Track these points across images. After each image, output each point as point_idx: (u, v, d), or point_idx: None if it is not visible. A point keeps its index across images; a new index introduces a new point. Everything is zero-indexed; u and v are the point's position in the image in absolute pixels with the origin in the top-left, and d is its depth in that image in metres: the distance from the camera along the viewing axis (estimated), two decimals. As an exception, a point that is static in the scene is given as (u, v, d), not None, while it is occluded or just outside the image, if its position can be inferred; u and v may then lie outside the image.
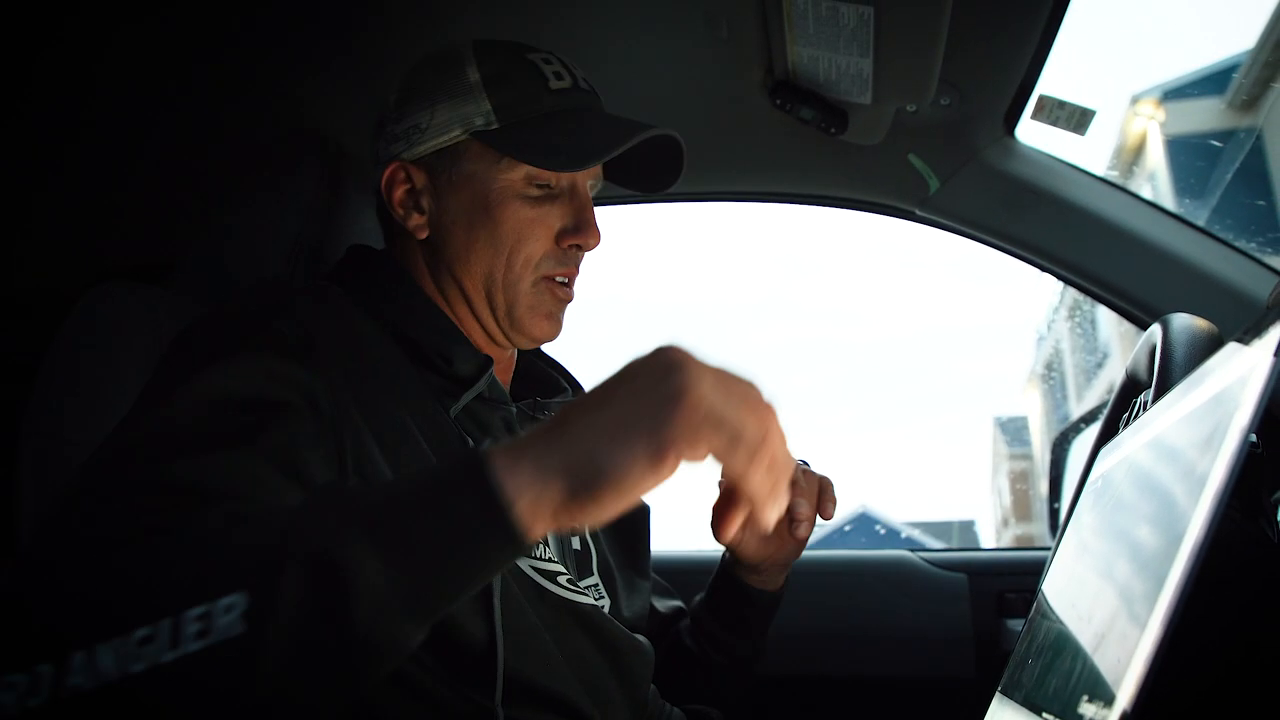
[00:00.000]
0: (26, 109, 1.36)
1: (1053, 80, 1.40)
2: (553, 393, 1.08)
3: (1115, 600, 0.56)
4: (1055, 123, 1.42)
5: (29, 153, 1.42)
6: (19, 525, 0.96)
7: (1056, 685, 0.61)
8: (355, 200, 1.15)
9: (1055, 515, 1.70)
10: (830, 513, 1.01)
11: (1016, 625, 1.52)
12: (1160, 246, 1.46)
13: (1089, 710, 0.51)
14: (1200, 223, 1.51)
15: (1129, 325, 1.51)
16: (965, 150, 1.49)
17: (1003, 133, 1.49)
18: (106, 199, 1.50)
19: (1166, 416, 0.67)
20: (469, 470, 0.56)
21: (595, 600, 0.97)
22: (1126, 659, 0.47)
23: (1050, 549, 1.14)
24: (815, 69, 1.29)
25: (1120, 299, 1.50)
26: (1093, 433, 1.16)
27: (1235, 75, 9.74)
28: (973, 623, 1.54)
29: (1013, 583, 1.55)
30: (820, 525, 1.04)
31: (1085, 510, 0.85)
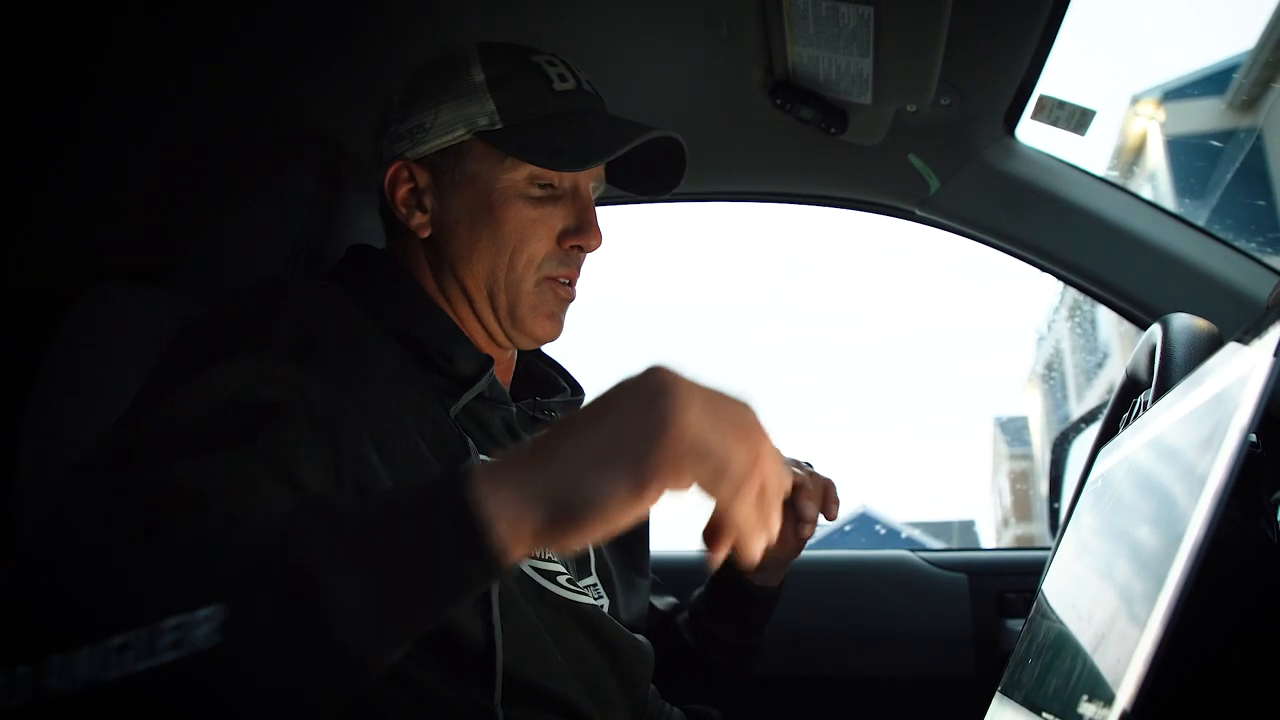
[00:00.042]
0: (26, 109, 1.36)
1: (1053, 80, 1.40)
2: (552, 393, 1.08)
3: (1115, 600, 0.56)
4: (1055, 123, 1.42)
5: (29, 152, 1.42)
6: (19, 525, 0.96)
7: (1056, 685, 0.62)
8: (355, 200, 1.15)
9: (1055, 515, 1.70)
10: (834, 514, 1.04)
11: (1016, 625, 1.52)
12: (1160, 246, 1.46)
13: (1089, 710, 0.51)
14: (1200, 223, 1.51)
15: (1129, 325, 1.51)
16: (965, 150, 1.49)
17: (1003, 133, 1.49)
18: (106, 199, 1.50)
19: (1166, 416, 0.67)
20: (450, 490, 0.55)
21: (595, 600, 0.97)
22: (1126, 659, 0.47)
23: (1050, 549, 1.14)
24: (815, 69, 1.29)
25: (1120, 299, 1.50)
26: (1093, 433, 1.16)
27: (1235, 75, 9.74)
28: (973, 623, 1.54)
29: (1013, 583, 1.56)
30: (821, 525, 1.06)
31: (1085, 510, 0.85)
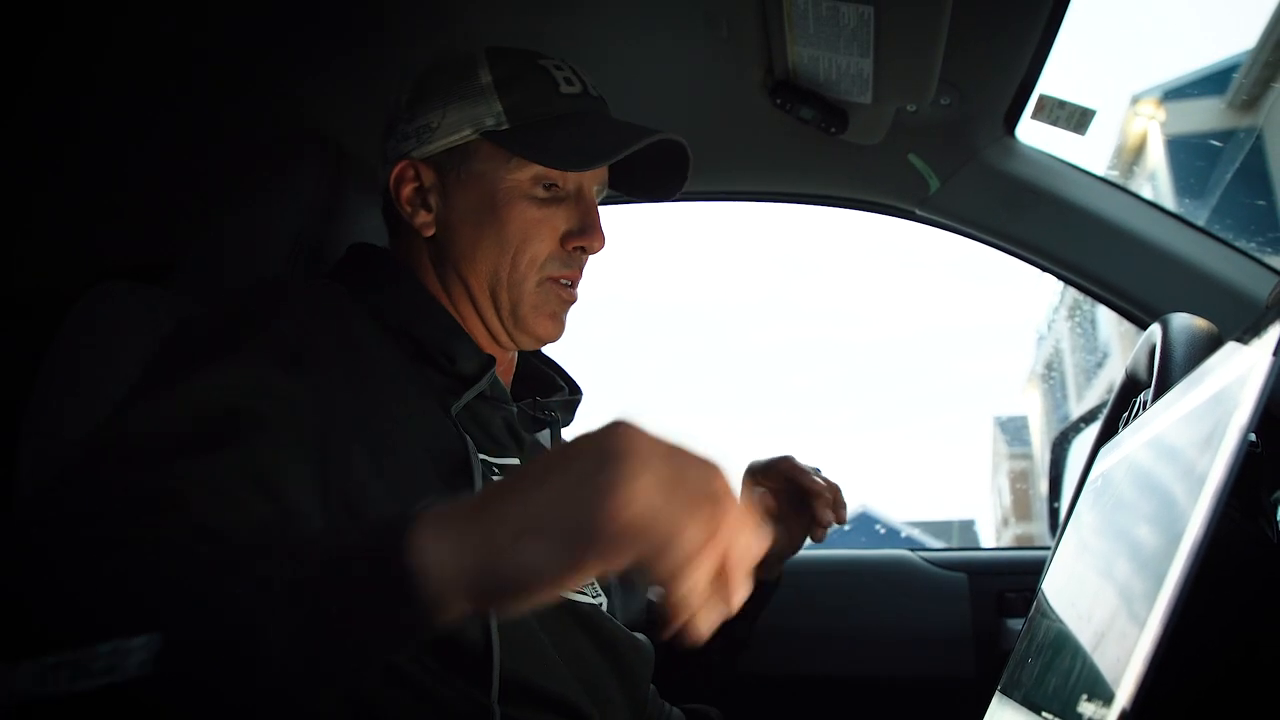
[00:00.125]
0: (26, 109, 1.36)
1: (1053, 80, 1.40)
2: (551, 392, 1.08)
3: (1115, 599, 0.56)
4: (1055, 122, 1.41)
5: (29, 152, 1.42)
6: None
7: (1056, 684, 0.62)
8: (355, 200, 1.15)
9: (1055, 515, 1.70)
10: (844, 518, 1.10)
11: (1016, 624, 1.52)
12: (1160, 246, 1.46)
13: (1088, 709, 0.51)
14: (1200, 222, 1.51)
15: (1129, 325, 1.51)
16: (965, 150, 1.49)
17: (1003, 132, 1.49)
18: (106, 199, 1.50)
19: (1166, 416, 0.67)
20: (391, 536, 0.54)
21: (593, 599, 0.97)
22: (1126, 658, 0.47)
23: (1050, 548, 1.14)
24: (815, 69, 1.29)
25: (1120, 299, 1.50)
26: (1092, 432, 1.16)
27: (1235, 75, 9.74)
28: (972, 622, 1.54)
29: (1012, 582, 1.56)
30: None
31: (1085, 509, 0.85)
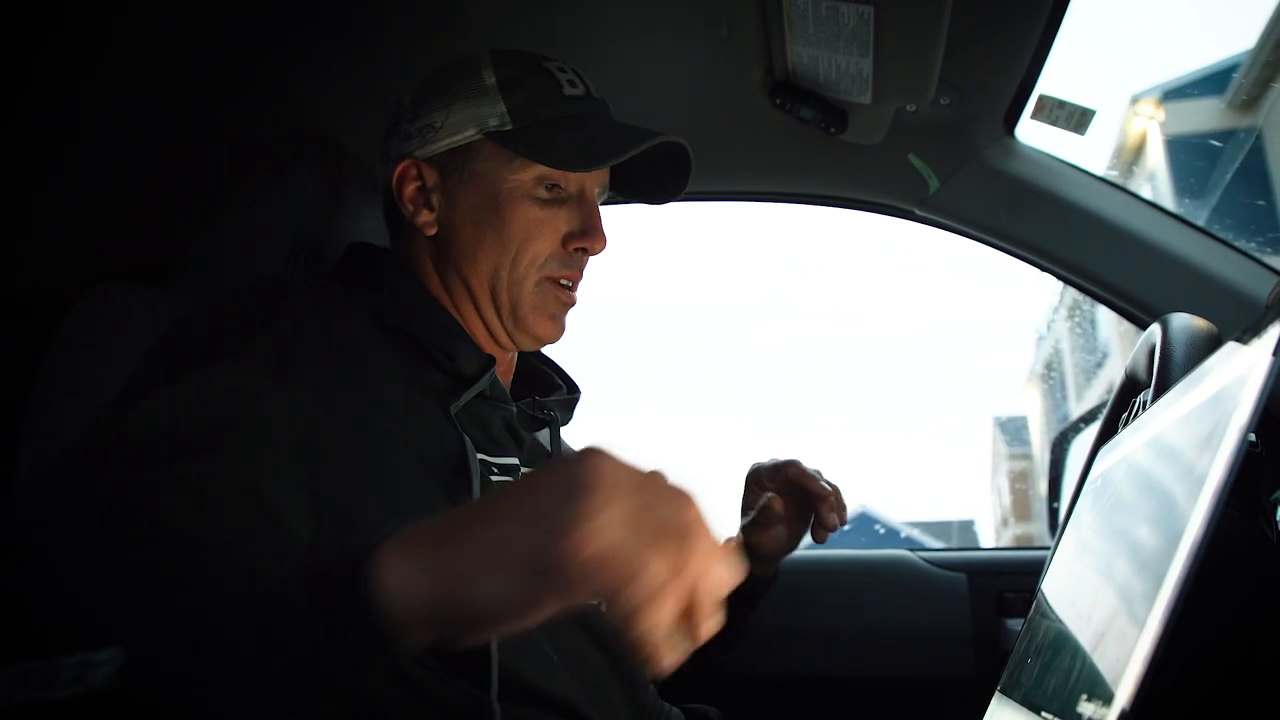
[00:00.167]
0: (26, 109, 1.36)
1: (1053, 80, 1.40)
2: (550, 392, 1.08)
3: (1114, 599, 0.56)
4: (1055, 122, 1.41)
5: (29, 152, 1.42)
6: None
7: (1055, 684, 0.62)
8: (355, 200, 1.15)
9: (1054, 515, 1.70)
10: (845, 519, 1.13)
11: (1016, 625, 1.52)
12: (1160, 246, 1.46)
13: (1088, 709, 0.51)
14: (1200, 223, 1.51)
15: (1128, 325, 1.51)
16: (965, 150, 1.49)
17: (1002, 132, 1.49)
18: (106, 199, 1.50)
19: (1166, 416, 0.67)
20: (351, 567, 0.53)
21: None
22: (1125, 658, 0.47)
23: (1049, 548, 1.14)
24: (815, 69, 1.29)
25: (1120, 299, 1.50)
26: (1092, 432, 1.16)
27: (1235, 75, 9.74)
28: (972, 622, 1.54)
29: (1012, 582, 1.55)
30: None
31: (1084, 510, 0.85)
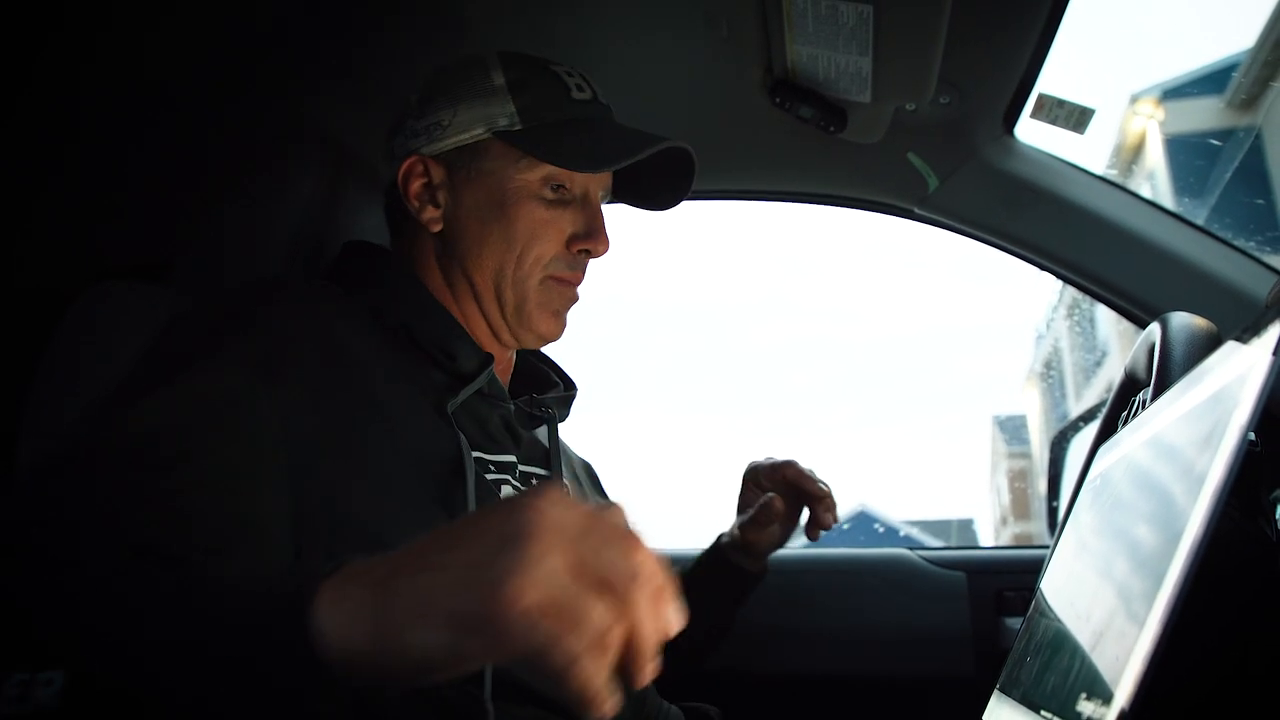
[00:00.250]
0: (26, 109, 1.36)
1: (1052, 79, 1.40)
2: (547, 389, 1.09)
3: (1113, 598, 0.56)
4: (1054, 121, 1.41)
5: (29, 152, 1.42)
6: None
7: (1055, 683, 0.62)
8: (355, 199, 1.15)
9: (1054, 514, 1.69)
10: (837, 518, 1.18)
11: (1015, 623, 1.52)
12: (1159, 245, 1.46)
13: (1087, 708, 0.51)
14: (1199, 221, 1.51)
15: (1128, 324, 1.51)
16: (964, 149, 1.49)
17: (1002, 131, 1.49)
18: (106, 198, 1.50)
19: (1165, 415, 0.67)
20: (293, 606, 0.52)
21: None
22: (1125, 657, 0.47)
23: (1049, 547, 1.14)
24: (814, 67, 1.29)
25: (1119, 297, 1.50)
26: (1091, 431, 1.16)
27: (1234, 74, 9.74)
28: (971, 621, 1.54)
29: (1011, 581, 1.56)
30: None
31: (1084, 509, 0.85)
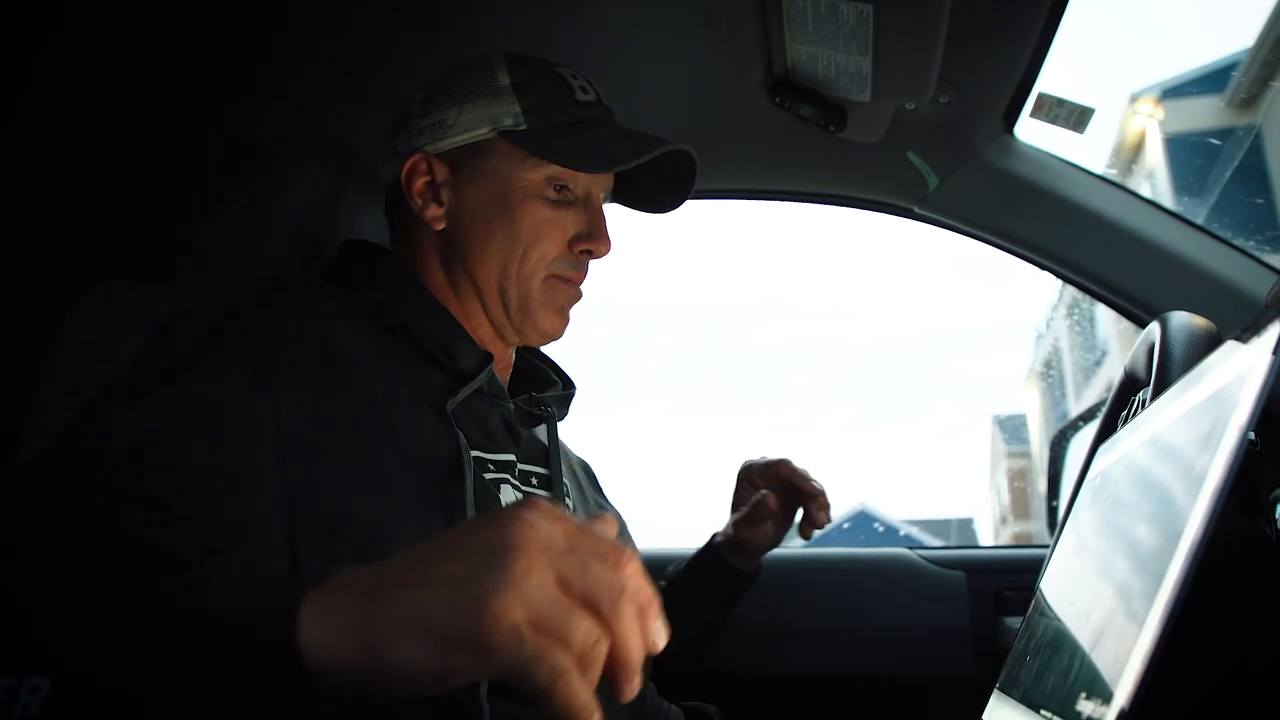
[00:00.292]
0: (26, 109, 1.36)
1: (1052, 78, 1.40)
2: (546, 388, 1.09)
3: (1113, 598, 0.56)
4: (1054, 121, 1.41)
5: (29, 152, 1.42)
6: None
7: (1054, 682, 0.62)
8: (355, 199, 1.15)
9: (1053, 513, 1.70)
10: (830, 518, 1.19)
11: (1015, 623, 1.52)
12: (1159, 244, 1.46)
13: (1086, 707, 0.51)
14: (1199, 221, 1.51)
15: (1128, 323, 1.51)
16: (964, 148, 1.49)
17: (1002, 131, 1.49)
18: (106, 198, 1.50)
19: (1165, 414, 0.67)
20: (278, 616, 0.52)
21: None
22: (1124, 656, 0.47)
23: (1048, 547, 1.14)
24: (814, 67, 1.29)
25: (1119, 297, 1.50)
26: (1091, 430, 1.16)
27: (1234, 73, 9.74)
28: (971, 620, 1.54)
29: (1011, 580, 1.56)
30: None
31: (1083, 508, 0.85)
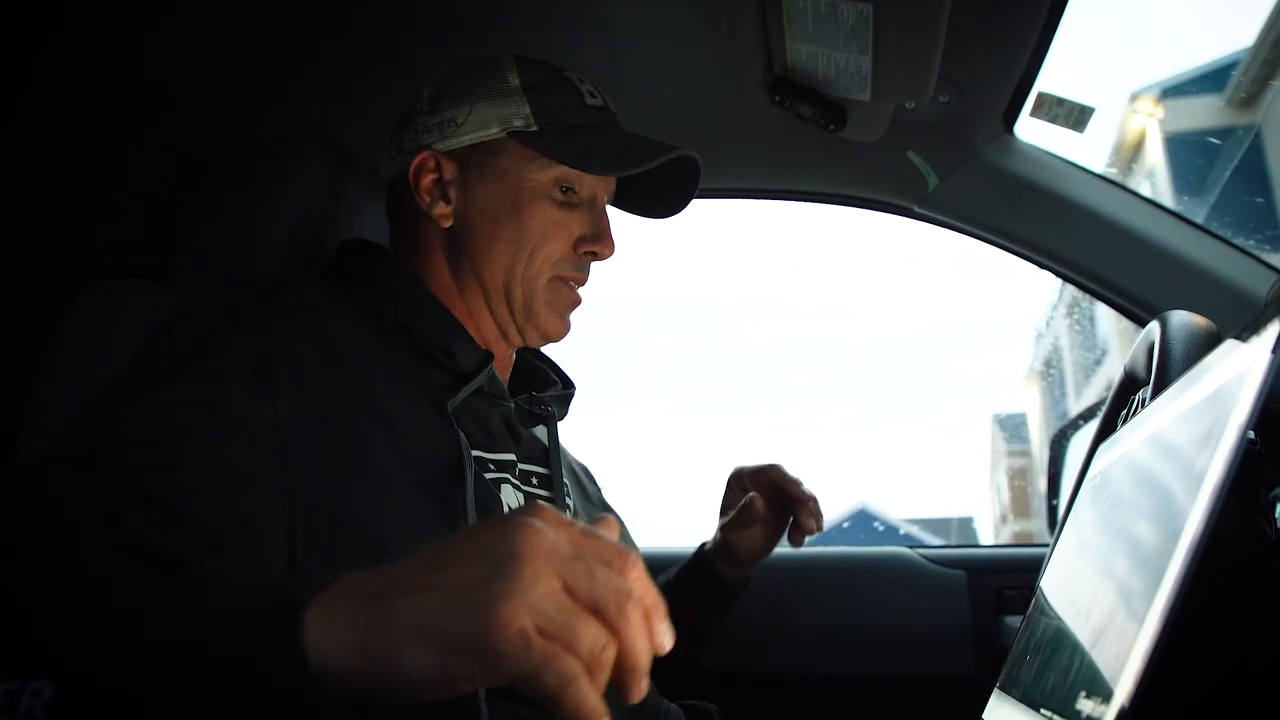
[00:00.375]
0: (26, 109, 1.36)
1: (1052, 77, 1.40)
2: (546, 387, 1.09)
3: (1113, 597, 0.56)
4: (1054, 120, 1.41)
5: (29, 152, 1.42)
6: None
7: (1054, 681, 0.62)
8: (355, 199, 1.15)
9: (1053, 512, 1.70)
10: (821, 526, 1.17)
11: (1015, 622, 1.52)
12: (1159, 244, 1.46)
13: (1086, 706, 0.51)
14: (1199, 220, 1.51)
15: (1127, 322, 1.51)
16: (964, 147, 1.49)
17: (1001, 130, 1.49)
18: (106, 197, 1.50)
19: (1165, 413, 0.67)
20: (283, 619, 0.52)
21: None
22: (1124, 655, 0.47)
23: (1048, 546, 1.14)
24: (814, 66, 1.29)
25: (1119, 296, 1.50)
26: (1091, 429, 1.16)
27: (1234, 72, 9.74)
28: (971, 619, 1.54)
29: (1011, 579, 1.56)
30: None
31: (1083, 507, 0.85)
